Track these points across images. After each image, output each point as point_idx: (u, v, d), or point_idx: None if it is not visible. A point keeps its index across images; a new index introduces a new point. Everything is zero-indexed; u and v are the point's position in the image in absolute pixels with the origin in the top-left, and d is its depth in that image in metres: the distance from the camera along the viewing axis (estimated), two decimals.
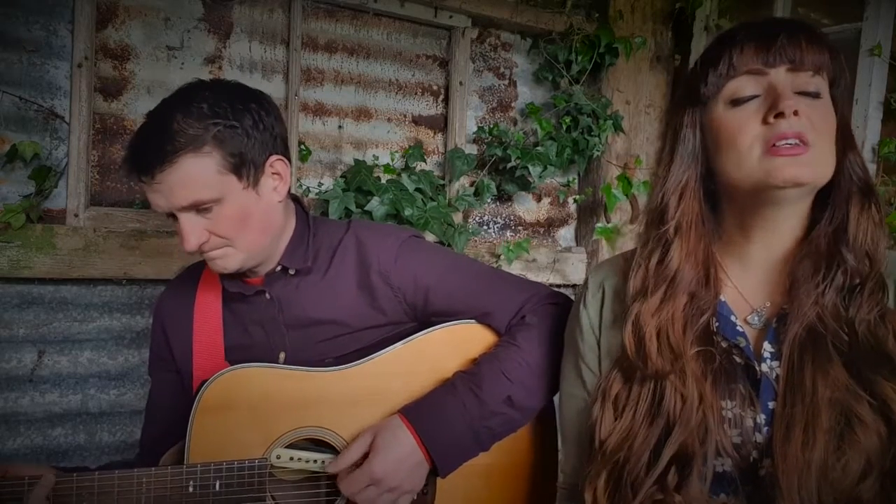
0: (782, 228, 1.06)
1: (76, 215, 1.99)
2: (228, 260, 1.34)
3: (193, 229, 1.28)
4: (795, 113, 0.96)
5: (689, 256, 1.07)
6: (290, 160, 1.41)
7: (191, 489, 1.26)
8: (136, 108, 2.10)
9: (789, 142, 0.96)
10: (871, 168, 2.37)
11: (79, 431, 2.06)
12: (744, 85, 1.01)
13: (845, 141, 1.03)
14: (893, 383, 0.93)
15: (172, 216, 1.30)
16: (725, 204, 1.09)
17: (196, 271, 1.53)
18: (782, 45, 0.99)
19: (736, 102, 1.01)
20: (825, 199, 1.03)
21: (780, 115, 0.96)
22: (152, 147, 1.24)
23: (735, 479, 1.00)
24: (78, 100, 1.98)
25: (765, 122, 0.98)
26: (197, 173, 1.25)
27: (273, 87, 2.23)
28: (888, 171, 2.39)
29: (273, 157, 1.36)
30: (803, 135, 0.96)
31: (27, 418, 2.00)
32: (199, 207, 1.27)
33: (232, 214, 1.30)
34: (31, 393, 2.01)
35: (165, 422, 1.48)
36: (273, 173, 1.37)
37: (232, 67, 2.22)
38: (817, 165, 0.98)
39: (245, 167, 1.30)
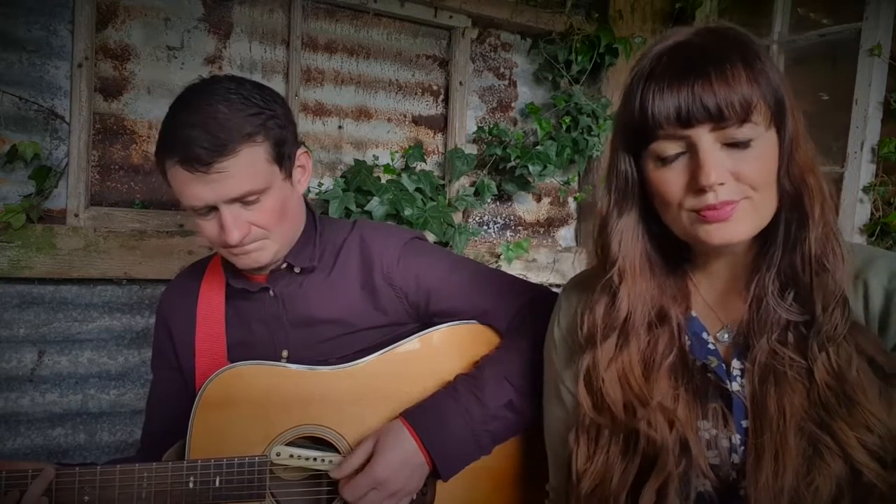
0: (741, 249, 1.03)
1: (76, 215, 1.99)
2: (263, 253, 1.34)
3: (236, 222, 1.27)
4: (721, 184, 0.90)
5: (637, 299, 1.03)
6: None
7: (191, 485, 1.26)
8: (136, 108, 2.11)
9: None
10: (871, 168, 2.37)
11: (79, 431, 2.05)
12: (666, 146, 0.94)
13: (784, 167, 0.95)
14: (849, 422, 0.90)
15: (206, 211, 1.28)
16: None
17: (199, 268, 1.53)
18: (697, 95, 0.89)
19: (662, 161, 0.95)
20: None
21: (702, 189, 0.91)
22: (208, 138, 1.22)
23: (714, 500, 0.98)
24: (78, 100, 1.98)
25: (690, 190, 0.93)
26: (253, 163, 1.25)
27: (273, 87, 2.21)
28: (888, 171, 2.38)
29: (301, 149, 1.38)
30: (730, 202, 0.91)
31: (27, 418, 2.00)
32: (247, 199, 1.27)
33: (273, 205, 1.30)
34: (31, 393, 2.01)
35: (166, 419, 1.48)
36: (298, 166, 1.38)
37: (232, 67, 2.22)
38: (751, 219, 0.94)
39: (285, 158, 1.31)
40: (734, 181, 0.91)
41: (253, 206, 1.28)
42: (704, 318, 1.07)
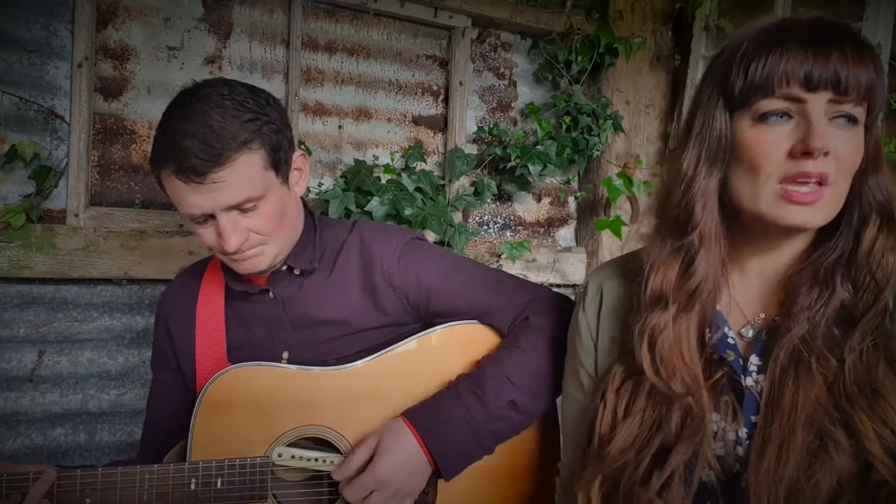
0: (786, 246, 1.04)
1: (76, 215, 1.99)
2: (263, 258, 1.34)
3: (235, 229, 1.27)
4: (825, 153, 0.91)
5: (710, 267, 1.02)
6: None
7: (192, 486, 1.26)
8: (136, 108, 2.10)
9: (805, 187, 0.92)
10: None
11: (79, 431, 2.05)
12: (776, 104, 0.94)
13: (871, 164, 0.97)
14: (870, 417, 0.91)
15: (205, 219, 1.28)
16: (733, 212, 1.03)
17: (199, 269, 1.53)
18: (833, 64, 0.90)
19: (763, 118, 0.95)
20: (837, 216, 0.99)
21: (808, 153, 0.91)
22: (203, 148, 1.21)
23: (717, 491, 0.99)
24: (78, 100, 1.98)
25: (790, 154, 0.93)
26: (250, 171, 1.25)
27: (273, 87, 2.23)
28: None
29: (297, 153, 1.38)
30: (825, 176, 0.92)
31: (27, 418, 2.00)
32: (244, 206, 1.26)
33: (271, 211, 1.30)
34: (31, 393, 2.00)
35: (167, 420, 1.48)
36: (295, 168, 1.38)
37: (232, 67, 2.22)
38: (828, 209, 0.95)
39: (281, 162, 1.31)
40: (832, 158, 0.92)
41: (251, 213, 1.28)
42: (728, 313, 1.07)
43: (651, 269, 1.06)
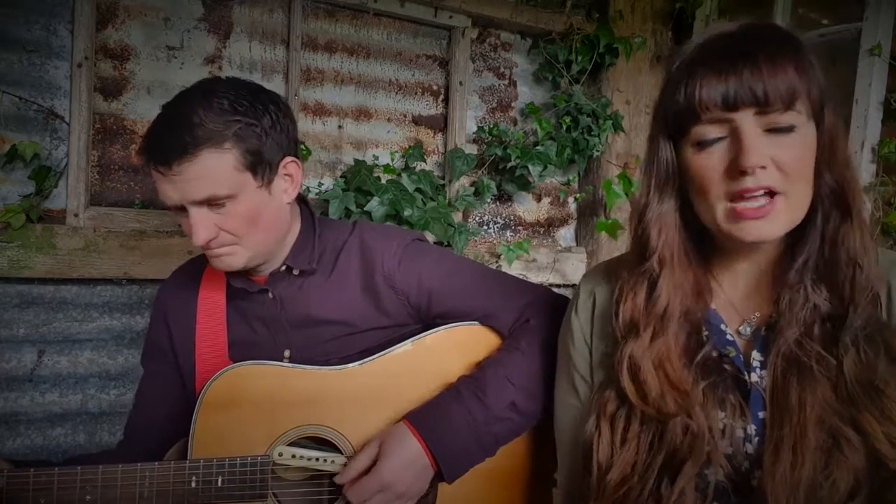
0: (761, 250, 1.04)
1: (76, 215, 1.99)
2: (234, 258, 1.34)
3: (204, 223, 1.28)
4: (762, 167, 0.91)
5: (677, 289, 1.03)
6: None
7: (193, 484, 1.26)
8: (136, 108, 2.10)
9: (755, 202, 0.93)
10: (871, 168, 2.37)
11: (79, 431, 2.05)
12: (708, 130, 0.95)
13: (825, 159, 0.97)
14: (876, 415, 0.91)
15: (181, 209, 1.29)
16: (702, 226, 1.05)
17: (199, 264, 1.53)
18: (746, 81, 0.91)
19: (701, 145, 0.96)
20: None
21: (743, 172, 0.92)
22: (172, 139, 1.23)
23: (727, 489, 0.99)
24: (78, 100, 1.98)
25: (728, 174, 0.94)
26: (215, 169, 1.25)
27: (273, 87, 2.18)
28: (888, 171, 2.38)
29: (287, 159, 1.36)
30: (771, 187, 0.92)
31: (27, 418, 1.99)
32: (212, 203, 1.27)
33: (243, 212, 1.30)
34: (31, 393, 2.00)
35: (154, 413, 1.49)
36: (285, 175, 1.37)
37: (232, 67, 2.22)
38: (786, 216, 0.95)
39: (261, 166, 1.30)
40: (774, 168, 0.92)
41: (220, 210, 1.28)
42: (724, 312, 1.07)
43: (620, 294, 1.08)
